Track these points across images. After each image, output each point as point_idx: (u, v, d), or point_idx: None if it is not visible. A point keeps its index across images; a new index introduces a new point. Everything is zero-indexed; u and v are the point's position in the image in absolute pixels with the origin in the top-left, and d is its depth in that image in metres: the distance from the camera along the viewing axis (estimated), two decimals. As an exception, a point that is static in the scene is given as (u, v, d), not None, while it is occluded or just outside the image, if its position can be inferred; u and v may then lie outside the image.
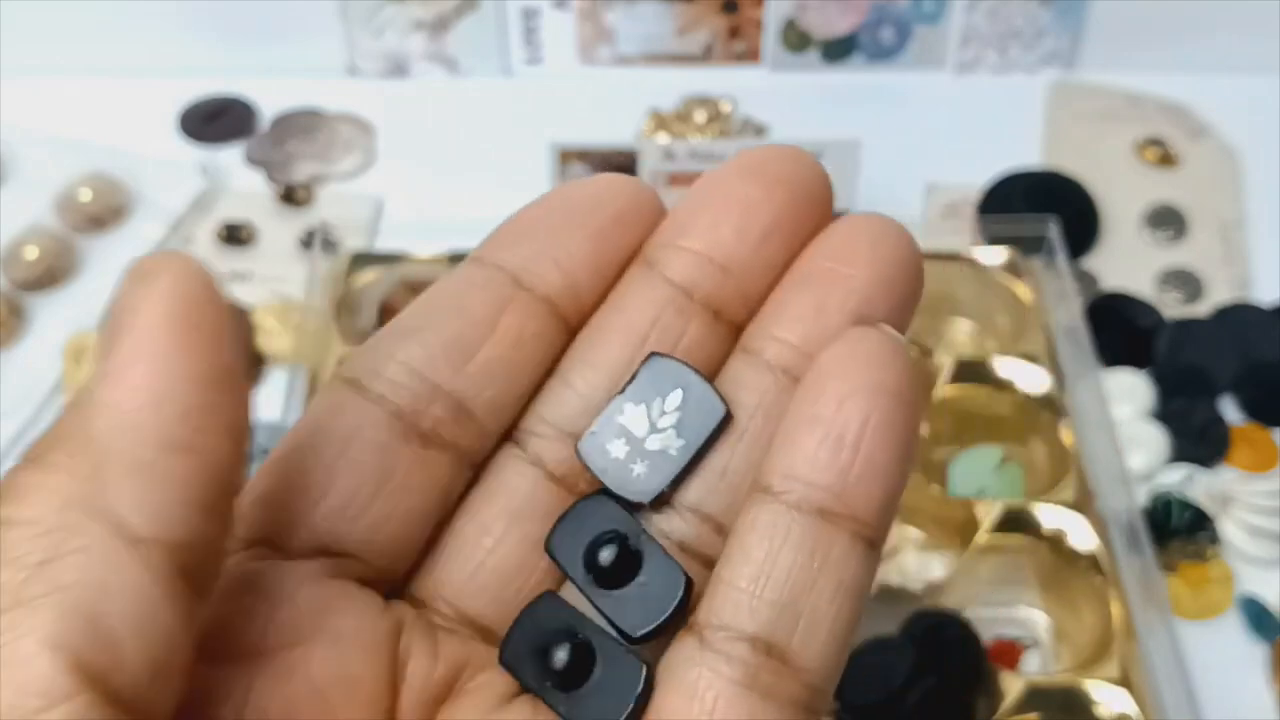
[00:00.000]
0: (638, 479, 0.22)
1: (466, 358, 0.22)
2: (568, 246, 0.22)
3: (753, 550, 0.20)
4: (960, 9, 0.74)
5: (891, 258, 0.22)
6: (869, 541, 0.21)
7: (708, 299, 0.22)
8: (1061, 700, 0.49)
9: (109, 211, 0.68)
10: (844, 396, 0.20)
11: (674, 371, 0.22)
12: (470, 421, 0.22)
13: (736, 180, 0.23)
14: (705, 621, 0.20)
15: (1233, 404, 0.61)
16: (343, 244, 0.65)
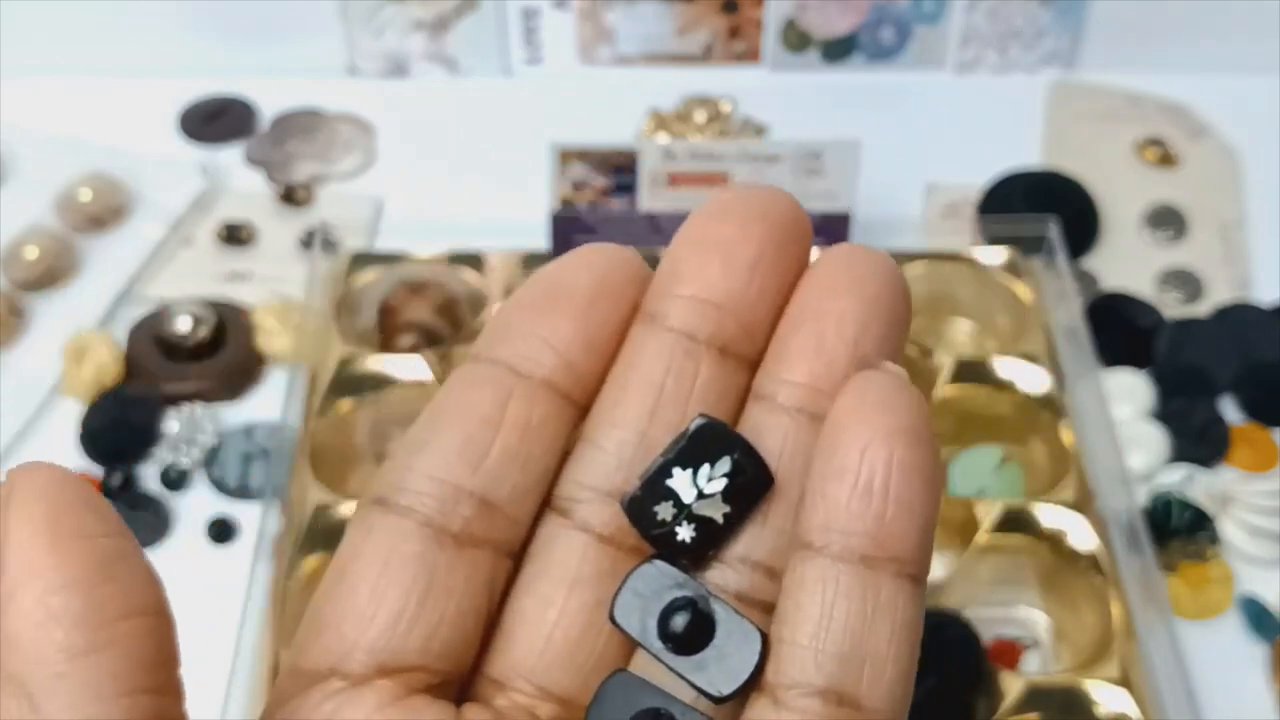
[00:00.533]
0: (683, 543, 0.22)
1: (481, 455, 0.23)
2: (556, 327, 0.23)
3: (807, 606, 0.21)
4: (960, 9, 0.74)
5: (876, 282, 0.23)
6: (913, 578, 0.22)
7: (711, 338, 0.23)
8: (1061, 700, 0.49)
9: (109, 211, 0.68)
10: (864, 445, 0.21)
11: (722, 436, 0.23)
12: (498, 514, 0.23)
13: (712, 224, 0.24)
14: (775, 682, 0.21)
15: (1233, 404, 0.61)
16: (343, 244, 0.65)
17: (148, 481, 0.58)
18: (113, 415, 0.60)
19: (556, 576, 0.23)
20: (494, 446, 0.23)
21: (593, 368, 0.24)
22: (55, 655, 0.18)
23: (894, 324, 0.23)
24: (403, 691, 0.22)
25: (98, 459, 0.59)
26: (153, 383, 0.61)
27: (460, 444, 0.23)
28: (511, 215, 0.63)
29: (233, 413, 0.61)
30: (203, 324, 0.62)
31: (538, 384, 0.23)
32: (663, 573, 0.22)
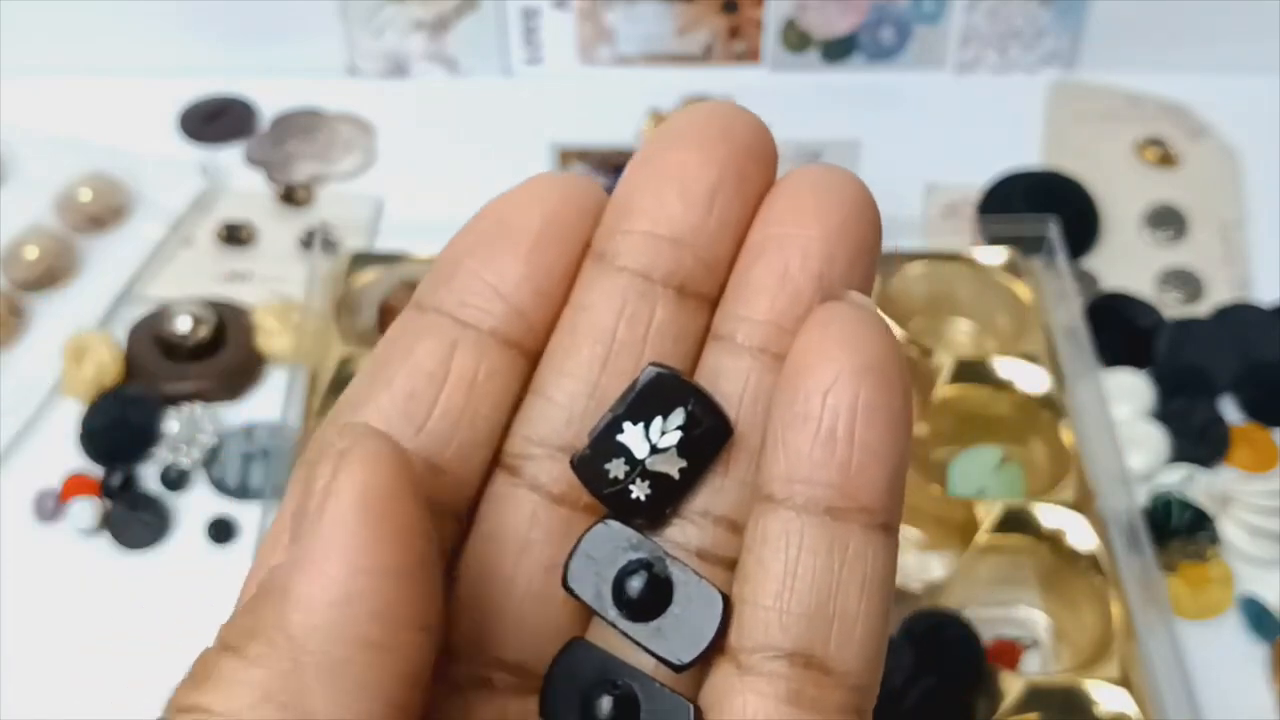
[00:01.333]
0: (638, 501, 0.21)
1: (425, 413, 0.21)
2: (502, 269, 0.22)
3: (770, 564, 0.20)
4: (960, 9, 0.74)
5: (843, 207, 0.21)
6: (883, 528, 0.20)
7: (668, 277, 0.22)
8: (1061, 700, 0.49)
9: (109, 211, 0.68)
10: (827, 386, 0.20)
11: (674, 387, 0.21)
12: (443, 476, 0.21)
13: (670, 148, 0.22)
14: (738, 645, 0.20)
15: (1233, 404, 0.61)
16: (343, 244, 0.65)
17: (148, 481, 0.58)
18: (113, 415, 0.60)
19: (506, 540, 0.21)
20: (438, 404, 0.21)
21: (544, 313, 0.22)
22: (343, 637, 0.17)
23: (862, 252, 0.21)
24: None
25: (98, 459, 0.59)
26: (153, 383, 0.61)
27: (403, 402, 0.21)
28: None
29: (233, 413, 0.61)
30: (203, 324, 0.62)
31: (485, 334, 0.21)
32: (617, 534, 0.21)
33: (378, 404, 0.21)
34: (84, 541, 0.56)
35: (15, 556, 0.56)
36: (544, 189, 0.22)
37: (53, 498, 0.57)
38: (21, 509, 0.57)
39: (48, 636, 0.54)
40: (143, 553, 0.56)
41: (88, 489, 0.57)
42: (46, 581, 0.55)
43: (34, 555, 0.56)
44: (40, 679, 0.52)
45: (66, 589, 0.55)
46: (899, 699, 0.48)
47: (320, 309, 0.61)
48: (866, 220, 0.22)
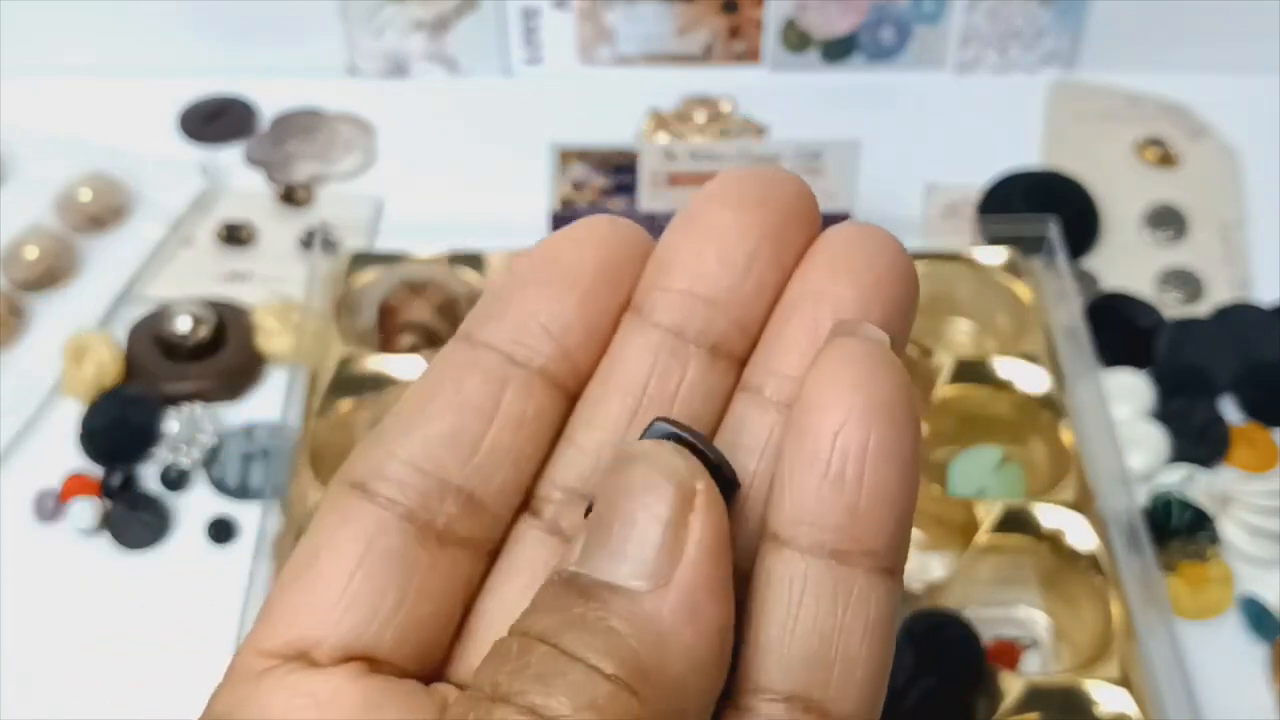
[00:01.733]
0: None
1: (472, 449, 0.21)
2: (556, 310, 0.22)
3: (772, 606, 0.20)
4: (960, 9, 0.74)
5: (879, 266, 0.21)
6: (887, 572, 0.20)
7: (700, 337, 0.22)
8: (1061, 700, 0.49)
9: (109, 211, 0.68)
10: (836, 428, 0.20)
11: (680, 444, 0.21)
12: (483, 512, 0.21)
13: (714, 209, 0.22)
14: (740, 689, 0.20)
15: (1233, 404, 0.61)
16: (343, 244, 0.65)
17: (148, 481, 0.58)
18: (113, 415, 0.60)
19: (522, 579, 0.22)
20: (485, 440, 0.21)
21: (589, 355, 0.22)
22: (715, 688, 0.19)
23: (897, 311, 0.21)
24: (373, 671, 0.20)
25: (98, 459, 0.59)
26: (153, 383, 0.61)
27: (450, 435, 0.21)
28: (511, 215, 0.62)
29: (233, 413, 0.61)
30: (203, 324, 0.62)
31: (534, 374, 0.22)
32: None
33: (424, 434, 0.21)
34: (84, 541, 0.56)
35: (15, 556, 0.56)
36: (598, 231, 0.22)
37: (53, 498, 0.57)
38: (21, 509, 0.57)
39: (48, 636, 0.54)
40: (143, 553, 0.56)
41: (88, 489, 0.57)
42: (46, 581, 0.55)
43: (34, 555, 0.56)
44: (40, 679, 0.52)
45: (66, 589, 0.55)
46: (899, 699, 0.48)
47: (320, 309, 0.61)
48: (901, 278, 0.22)
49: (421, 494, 0.21)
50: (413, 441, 0.21)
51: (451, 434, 0.21)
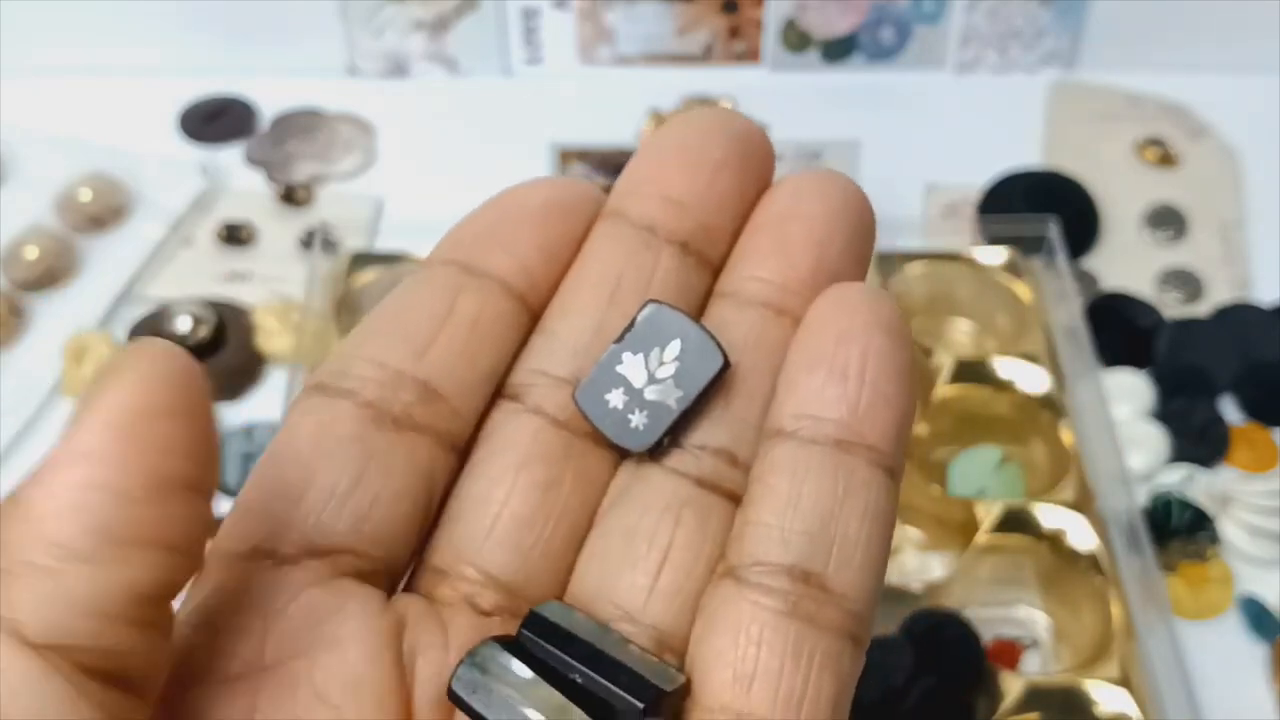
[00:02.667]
0: (636, 430, 0.22)
1: (427, 344, 0.22)
2: (513, 233, 0.23)
3: (776, 486, 0.21)
4: (960, 9, 0.74)
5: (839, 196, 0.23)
6: (888, 470, 0.21)
7: (672, 233, 0.23)
8: (1061, 700, 0.49)
9: (109, 211, 0.68)
10: (840, 335, 0.21)
11: (672, 320, 0.22)
12: (441, 403, 0.22)
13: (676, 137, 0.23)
14: (738, 561, 0.21)
15: (1233, 404, 0.61)
16: (343, 244, 0.65)
17: (148, 481, 0.58)
18: (113, 415, 0.60)
19: (506, 456, 0.22)
20: (440, 337, 0.22)
21: (550, 275, 0.23)
22: (53, 548, 0.17)
23: (859, 234, 0.23)
24: (331, 573, 0.21)
25: (98, 459, 0.59)
26: (153, 383, 0.61)
27: (406, 333, 0.22)
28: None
29: (233, 413, 0.61)
30: (203, 324, 0.62)
31: (490, 282, 0.22)
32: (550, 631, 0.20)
33: (380, 336, 0.22)
34: (84, 541, 0.56)
35: (15, 556, 0.56)
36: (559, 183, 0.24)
37: (53, 498, 0.57)
38: (21, 509, 0.57)
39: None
40: (143, 553, 0.56)
41: (88, 489, 0.57)
42: (46, 581, 0.55)
43: (34, 555, 0.56)
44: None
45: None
46: (899, 699, 0.48)
47: (320, 309, 0.61)
48: (862, 209, 0.23)
49: (378, 384, 0.21)
50: (371, 341, 0.22)
51: (408, 333, 0.22)
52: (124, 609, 0.17)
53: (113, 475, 0.17)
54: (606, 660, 0.20)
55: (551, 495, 0.22)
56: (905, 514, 0.55)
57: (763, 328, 0.22)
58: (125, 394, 0.17)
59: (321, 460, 0.21)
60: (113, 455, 0.17)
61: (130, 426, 0.17)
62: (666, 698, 0.20)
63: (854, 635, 0.20)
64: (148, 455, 0.17)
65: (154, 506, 0.17)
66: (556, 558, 0.22)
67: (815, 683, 0.20)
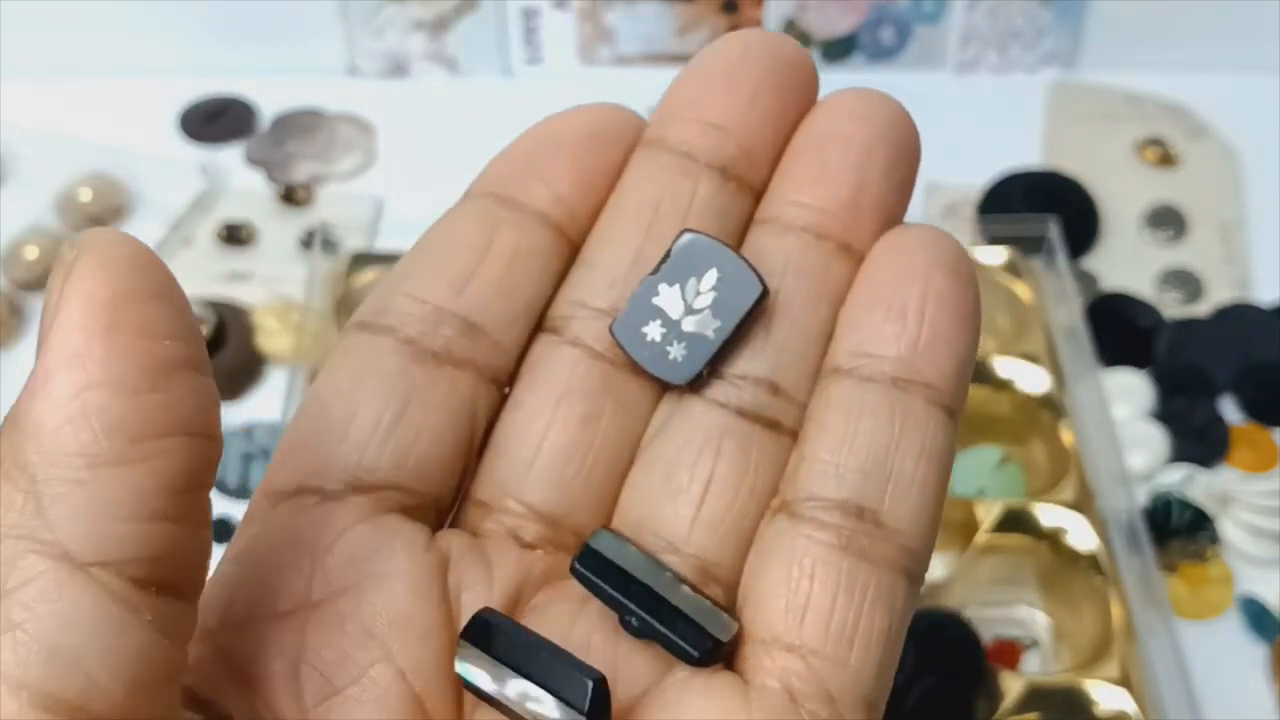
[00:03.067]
0: (675, 362, 0.21)
1: (466, 279, 0.22)
2: (550, 165, 0.23)
3: (830, 424, 0.20)
4: (960, 9, 0.74)
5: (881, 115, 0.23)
6: (947, 410, 0.21)
7: (712, 158, 0.22)
8: (1061, 700, 0.49)
9: (109, 211, 0.68)
10: (900, 275, 0.21)
11: (708, 249, 0.21)
12: (481, 337, 0.22)
13: (716, 59, 0.23)
14: (793, 497, 0.20)
15: (1233, 404, 0.61)
16: (343, 244, 0.65)
17: (148, 481, 0.58)
18: (113, 415, 0.60)
19: (546, 389, 0.22)
20: (479, 272, 0.22)
21: (587, 205, 0.23)
22: (77, 459, 0.16)
23: (902, 153, 0.22)
24: (377, 509, 0.21)
25: (98, 459, 0.59)
26: (153, 383, 0.61)
27: (445, 268, 0.22)
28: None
29: (233, 413, 0.61)
30: (203, 324, 0.62)
31: (527, 215, 0.22)
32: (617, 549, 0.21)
33: (419, 270, 0.22)
34: (84, 541, 0.56)
35: (15, 556, 0.56)
36: (595, 109, 0.23)
37: (53, 498, 0.57)
38: (21, 509, 0.57)
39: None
40: (143, 553, 0.56)
41: (88, 489, 0.57)
42: (46, 581, 0.55)
43: (34, 555, 0.56)
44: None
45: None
46: (899, 699, 0.48)
47: (320, 309, 0.61)
48: (905, 126, 0.23)
49: (418, 320, 0.21)
50: (410, 278, 0.22)
51: (446, 268, 0.22)
52: (161, 505, 0.17)
53: (109, 371, 0.16)
54: (663, 604, 0.20)
55: (591, 427, 0.22)
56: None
57: (802, 253, 0.22)
58: (93, 287, 0.17)
59: (364, 397, 0.21)
60: (102, 351, 0.16)
61: (110, 318, 0.16)
62: (721, 647, 0.20)
63: (908, 571, 0.21)
64: (136, 342, 0.17)
65: (159, 392, 0.17)
66: (598, 489, 0.22)
67: (868, 616, 0.20)
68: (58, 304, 0.17)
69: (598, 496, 0.22)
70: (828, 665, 0.20)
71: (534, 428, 0.22)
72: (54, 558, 0.16)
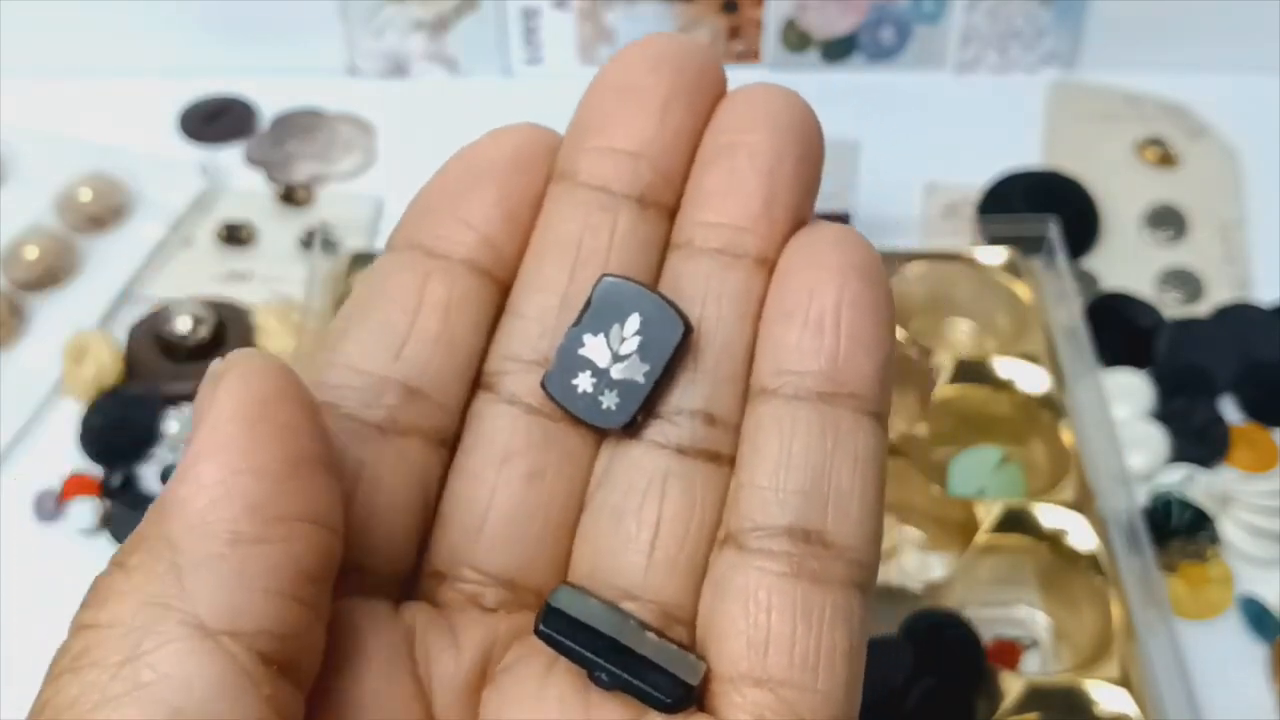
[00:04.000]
0: (609, 411, 0.22)
1: (402, 341, 0.22)
2: (472, 203, 0.22)
3: (764, 448, 0.21)
4: (960, 9, 0.74)
5: (785, 114, 0.22)
6: (874, 415, 0.21)
7: (628, 188, 0.22)
8: (1061, 700, 0.49)
9: (109, 211, 0.68)
10: (812, 284, 0.21)
11: (627, 294, 0.21)
12: (424, 400, 0.22)
13: (619, 75, 0.23)
14: (738, 528, 0.21)
15: (1233, 404, 0.61)
16: (343, 244, 0.65)
17: (148, 481, 0.58)
18: (113, 415, 0.60)
19: (487, 452, 0.22)
20: (414, 330, 0.22)
21: (513, 242, 0.23)
22: (220, 535, 0.18)
23: (807, 157, 0.22)
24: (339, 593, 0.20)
25: (98, 459, 0.59)
26: (153, 383, 0.61)
27: (377, 332, 0.22)
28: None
29: (233, 413, 0.61)
30: (203, 324, 0.62)
31: (456, 263, 0.22)
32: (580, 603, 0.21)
33: (355, 336, 0.22)
34: (84, 541, 0.56)
35: (15, 556, 0.56)
36: (504, 134, 0.23)
37: (53, 498, 0.57)
38: (21, 509, 0.57)
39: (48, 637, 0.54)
40: (143, 553, 0.56)
41: (88, 489, 0.57)
42: (46, 581, 0.55)
43: (34, 555, 0.56)
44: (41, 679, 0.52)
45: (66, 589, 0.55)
46: (899, 699, 0.48)
47: (320, 309, 0.61)
48: (810, 128, 0.22)
49: (358, 392, 0.21)
50: (344, 345, 0.22)
51: (380, 329, 0.22)
52: (292, 586, 0.18)
53: (252, 458, 0.18)
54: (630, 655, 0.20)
55: (537, 485, 0.22)
56: (905, 514, 0.55)
57: (721, 276, 0.22)
58: (240, 388, 0.18)
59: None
60: (246, 440, 0.18)
61: (255, 413, 0.18)
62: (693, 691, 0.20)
63: (860, 584, 0.21)
64: (278, 435, 0.18)
65: (296, 480, 0.18)
66: (552, 545, 0.22)
67: (829, 639, 0.20)
68: (207, 406, 0.18)
69: (552, 552, 0.22)
70: (797, 694, 0.20)
71: (480, 493, 0.22)
72: (188, 625, 0.17)
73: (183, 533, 0.18)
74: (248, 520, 0.18)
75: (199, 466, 0.18)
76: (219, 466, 0.18)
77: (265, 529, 0.18)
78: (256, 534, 0.18)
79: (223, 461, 0.18)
